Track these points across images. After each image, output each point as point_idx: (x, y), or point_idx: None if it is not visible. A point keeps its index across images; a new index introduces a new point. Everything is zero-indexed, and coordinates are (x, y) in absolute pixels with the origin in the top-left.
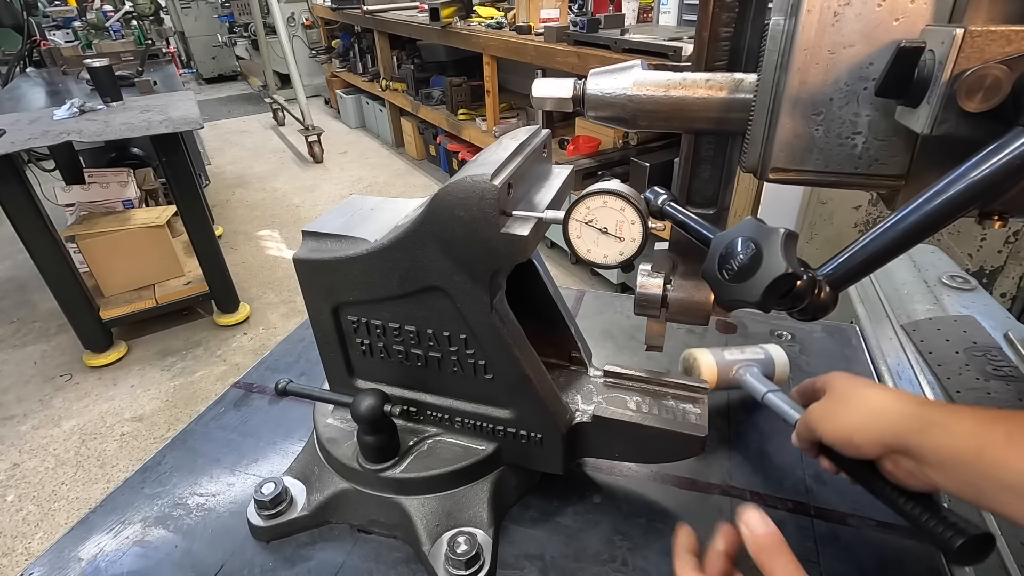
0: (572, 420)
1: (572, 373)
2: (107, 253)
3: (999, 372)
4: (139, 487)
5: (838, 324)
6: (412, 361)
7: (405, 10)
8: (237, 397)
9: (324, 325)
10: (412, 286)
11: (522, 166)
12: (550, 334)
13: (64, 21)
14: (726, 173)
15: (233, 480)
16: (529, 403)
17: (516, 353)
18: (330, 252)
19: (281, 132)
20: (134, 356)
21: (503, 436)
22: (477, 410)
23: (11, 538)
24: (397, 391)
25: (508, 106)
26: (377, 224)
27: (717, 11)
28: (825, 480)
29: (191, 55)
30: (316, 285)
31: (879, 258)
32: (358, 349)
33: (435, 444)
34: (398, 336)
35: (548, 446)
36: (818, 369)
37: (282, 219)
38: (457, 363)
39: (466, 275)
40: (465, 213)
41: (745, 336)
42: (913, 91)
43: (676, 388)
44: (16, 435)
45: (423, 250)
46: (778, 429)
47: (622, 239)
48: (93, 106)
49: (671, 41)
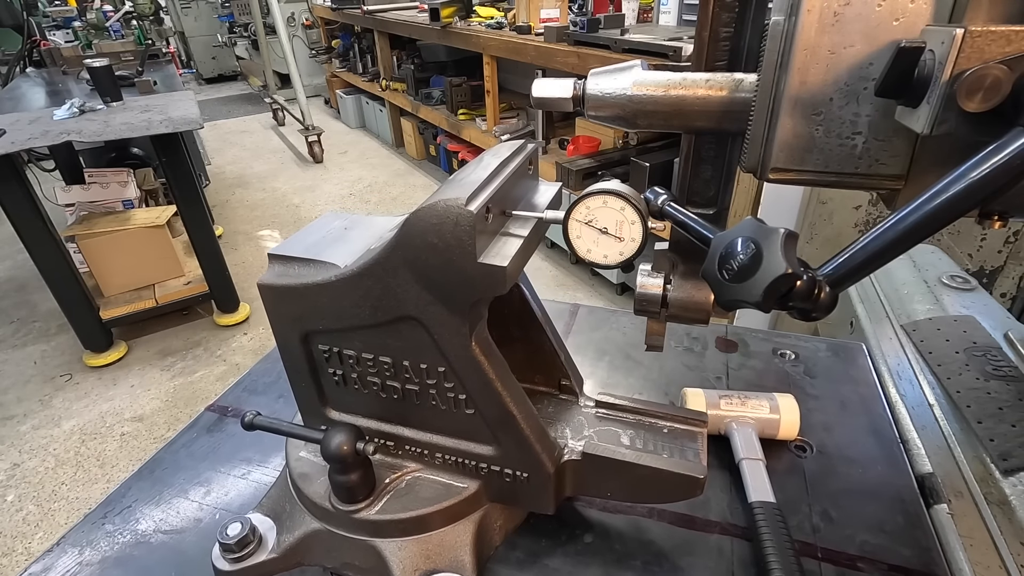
0: (561, 458)
1: (561, 403)
2: (107, 253)
3: (999, 372)
4: (100, 522)
5: (844, 342)
6: (388, 393)
7: (405, 10)
8: (211, 422)
9: (293, 354)
10: (385, 316)
11: (503, 187)
12: (537, 360)
13: (64, 21)
14: (726, 173)
15: (201, 516)
16: (513, 440)
17: (499, 388)
18: (297, 278)
19: (281, 132)
20: (134, 356)
21: (487, 473)
22: (458, 446)
23: (11, 538)
24: (373, 424)
25: (508, 106)
26: (350, 246)
27: (717, 11)
28: (833, 518)
29: (191, 55)
30: (283, 312)
31: (879, 258)
32: (331, 379)
33: (414, 481)
34: (372, 367)
35: (535, 485)
36: (823, 391)
37: (282, 219)
38: (436, 397)
39: (442, 306)
40: (439, 240)
41: (746, 354)
42: (913, 91)
43: (673, 420)
44: (16, 435)
45: (395, 278)
46: (783, 463)
47: (622, 239)
48: (93, 106)
49: (671, 41)
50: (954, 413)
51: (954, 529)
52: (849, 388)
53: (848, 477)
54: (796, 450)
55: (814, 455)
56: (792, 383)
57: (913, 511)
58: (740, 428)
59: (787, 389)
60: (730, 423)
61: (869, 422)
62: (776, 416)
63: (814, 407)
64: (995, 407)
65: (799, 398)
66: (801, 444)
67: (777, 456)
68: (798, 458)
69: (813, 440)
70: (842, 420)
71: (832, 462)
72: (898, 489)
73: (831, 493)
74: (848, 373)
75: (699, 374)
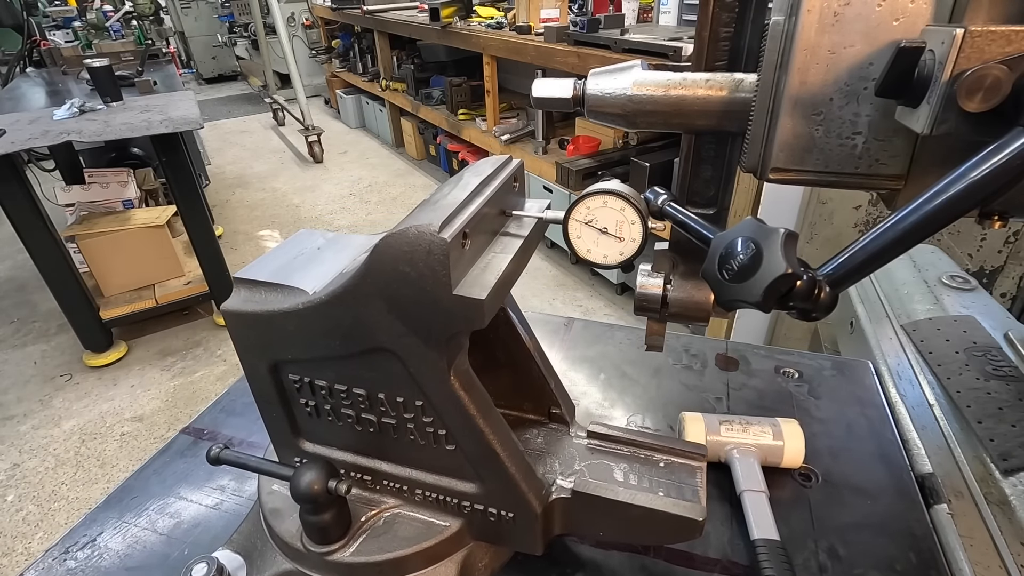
0: (549, 496)
1: (551, 432)
2: (107, 253)
3: (999, 372)
4: (62, 557)
5: (849, 359)
6: (364, 426)
7: (405, 10)
8: (185, 445)
9: (262, 384)
10: (356, 347)
11: (483, 208)
12: (525, 387)
13: (64, 21)
14: (726, 173)
15: (168, 551)
16: (497, 479)
17: (481, 425)
18: (263, 304)
19: (281, 132)
20: (134, 356)
21: (470, 512)
22: (439, 482)
23: (11, 538)
24: (349, 456)
25: (508, 106)
26: (322, 268)
27: (717, 11)
28: (841, 556)
29: (191, 55)
30: (249, 341)
31: (879, 258)
32: (303, 410)
33: (393, 518)
34: (346, 399)
35: (522, 525)
36: (828, 414)
37: (282, 219)
38: (414, 431)
39: (417, 338)
40: (411, 270)
41: (747, 372)
42: (913, 91)
43: (670, 454)
44: (16, 435)
45: (366, 308)
46: (787, 493)
47: (622, 239)
48: (93, 106)
49: (671, 41)
50: (954, 413)
51: (954, 529)
52: (856, 410)
53: (856, 509)
54: (800, 478)
55: (820, 484)
56: (796, 404)
57: (927, 547)
58: (742, 456)
59: (791, 411)
60: (731, 450)
61: (878, 448)
62: (780, 443)
63: (819, 431)
64: (995, 407)
65: (803, 421)
66: (806, 472)
67: (780, 485)
68: (803, 487)
69: (819, 468)
70: (849, 446)
71: (839, 492)
72: (910, 524)
73: (838, 527)
74: (855, 394)
75: (698, 394)
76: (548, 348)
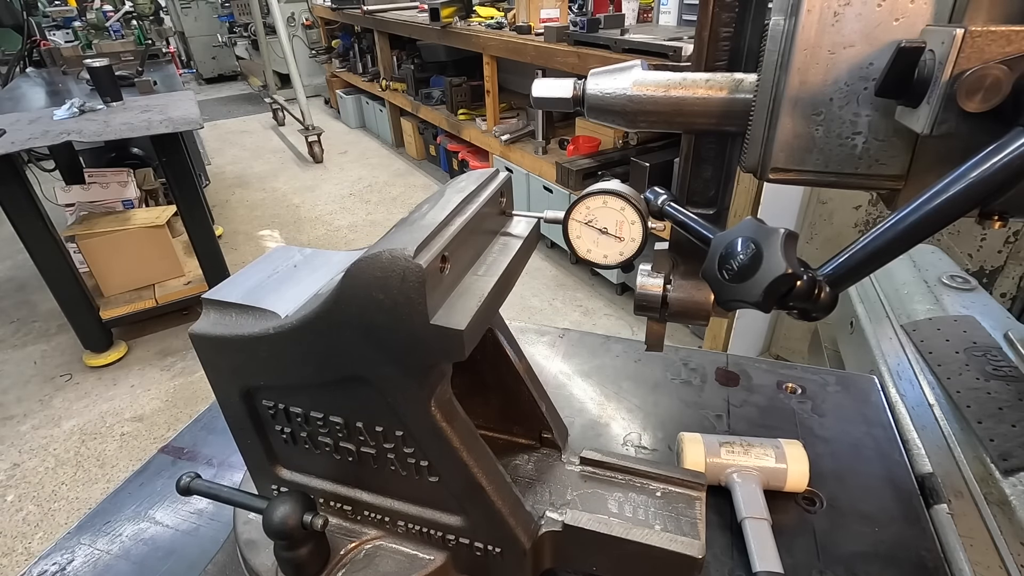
0: (538, 531)
1: (543, 458)
2: (107, 253)
3: (999, 372)
4: None
5: (855, 375)
6: (343, 455)
7: (405, 10)
8: (163, 465)
9: (235, 410)
10: (331, 375)
11: (465, 229)
12: (515, 410)
13: (64, 21)
14: (726, 173)
15: None
16: (483, 513)
17: (464, 458)
18: (233, 328)
19: (281, 132)
20: (134, 356)
21: (455, 545)
22: (422, 514)
23: (11, 538)
24: (328, 485)
25: (508, 106)
26: (296, 289)
27: (717, 11)
28: None
29: (191, 55)
30: (220, 366)
31: (879, 258)
32: (279, 437)
33: (374, 551)
34: (323, 427)
35: (510, 561)
36: (833, 433)
37: (282, 219)
38: (395, 462)
39: (394, 368)
40: (385, 297)
41: (749, 388)
42: (913, 91)
43: (668, 483)
44: (16, 435)
45: (340, 335)
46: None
47: (622, 239)
48: (93, 106)
49: (671, 41)
50: (954, 413)
51: (954, 529)
52: (862, 430)
53: (863, 537)
54: (804, 503)
55: (824, 510)
56: (799, 423)
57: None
58: (743, 481)
59: (793, 429)
60: (732, 473)
61: (885, 471)
62: (783, 466)
63: (823, 451)
64: (995, 407)
65: (807, 441)
66: (810, 496)
67: (783, 510)
68: (807, 512)
69: (823, 491)
70: (855, 467)
71: (844, 519)
72: (919, 555)
73: (844, 557)
74: (860, 412)
75: (697, 411)
76: (542, 362)
